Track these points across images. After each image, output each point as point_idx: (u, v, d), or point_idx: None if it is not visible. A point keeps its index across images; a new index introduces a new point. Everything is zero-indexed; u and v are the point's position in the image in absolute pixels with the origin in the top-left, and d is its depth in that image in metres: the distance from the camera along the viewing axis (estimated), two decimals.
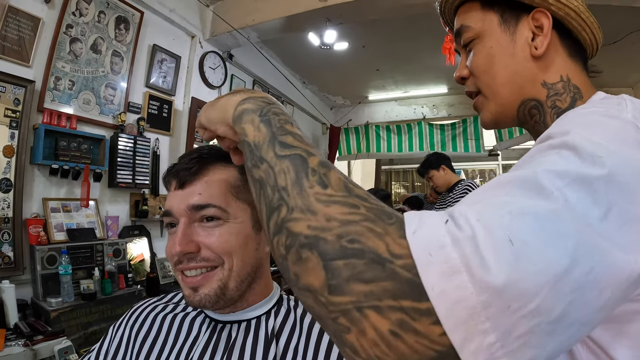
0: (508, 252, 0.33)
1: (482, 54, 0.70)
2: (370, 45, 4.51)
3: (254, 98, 0.54)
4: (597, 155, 0.41)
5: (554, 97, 0.67)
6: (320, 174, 0.41)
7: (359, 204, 0.38)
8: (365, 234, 0.35)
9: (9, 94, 2.15)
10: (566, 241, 0.35)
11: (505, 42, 0.68)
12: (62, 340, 1.88)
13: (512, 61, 0.68)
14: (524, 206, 0.36)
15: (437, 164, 3.26)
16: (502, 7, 0.69)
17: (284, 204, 0.40)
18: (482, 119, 0.75)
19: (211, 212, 0.71)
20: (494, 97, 0.70)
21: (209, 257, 0.71)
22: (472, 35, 0.71)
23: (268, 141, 0.46)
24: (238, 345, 0.73)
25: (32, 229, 2.21)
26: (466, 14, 0.73)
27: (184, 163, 0.74)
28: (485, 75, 0.70)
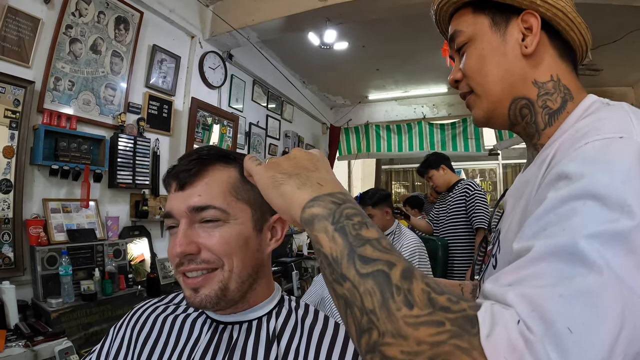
0: (570, 344, 0.35)
1: (475, 55, 0.73)
2: (370, 45, 4.51)
3: (322, 198, 0.50)
4: (625, 204, 0.42)
5: (545, 97, 0.69)
6: (404, 292, 0.41)
7: (444, 319, 0.39)
8: (453, 352, 0.37)
9: (8, 95, 2.15)
10: (615, 309, 0.37)
11: (496, 43, 0.71)
12: (63, 341, 1.88)
13: (504, 60, 0.70)
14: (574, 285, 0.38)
15: (436, 164, 3.25)
16: (493, 10, 0.72)
17: (374, 328, 0.41)
18: (475, 116, 0.77)
19: (211, 213, 0.71)
20: (486, 95, 0.72)
21: (209, 259, 0.70)
22: (465, 39, 0.74)
23: (347, 255, 0.45)
24: (239, 347, 0.73)
25: (32, 230, 2.21)
26: (459, 20, 0.76)
27: (183, 164, 0.74)
28: (477, 75, 0.73)
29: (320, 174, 0.54)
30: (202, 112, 3.63)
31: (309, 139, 6.34)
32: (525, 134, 0.74)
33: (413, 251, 2.55)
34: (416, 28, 3.96)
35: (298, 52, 4.67)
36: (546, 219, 0.46)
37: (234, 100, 4.21)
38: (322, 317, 0.80)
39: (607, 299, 0.37)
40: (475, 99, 0.75)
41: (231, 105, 4.15)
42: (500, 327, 0.37)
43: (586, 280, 0.38)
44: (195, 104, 3.49)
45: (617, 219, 0.41)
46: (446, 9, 0.78)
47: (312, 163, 0.56)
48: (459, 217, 3.02)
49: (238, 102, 4.30)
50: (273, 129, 5.11)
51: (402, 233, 2.70)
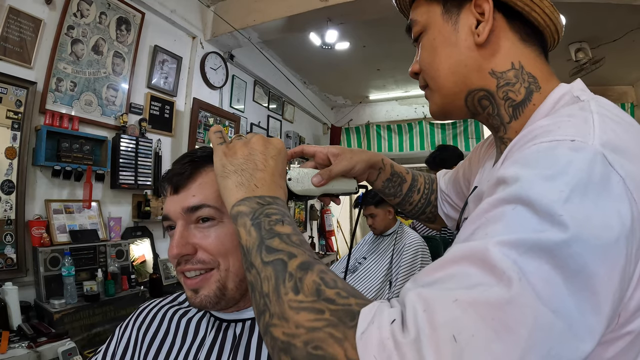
0: (450, 351, 0.32)
1: (427, 46, 0.68)
2: (370, 45, 4.51)
3: (249, 199, 0.56)
4: (557, 213, 0.37)
5: (506, 88, 0.63)
6: (296, 279, 0.44)
7: (325, 308, 0.41)
8: (326, 340, 0.39)
9: (10, 96, 2.15)
10: (518, 330, 0.33)
11: (447, 33, 0.65)
12: (66, 342, 1.88)
13: (455, 51, 0.65)
14: (474, 293, 0.35)
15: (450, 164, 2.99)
16: None
17: (267, 310, 0.45)
18: (430, 110, 0.73)
19: (206, 212, 0.71)
20: (439, 89, 0.68)
21: (204, 260, 0.71)
22: (420, 29, 0.70)
23: (257, 246, 0.50)
24: (243, 344, 0.73)
25: (35, 231, 2.21)
26: (416, 9, 0.71)
27: (176, 168, 0.75)
28: (429, 68, 0.68)
29: (264, 174, 0.59)
30: (203, 113, 3.63)
31: (310, 139, 6.34)
32: (489, 125, 0.69)
33: (416, 251, 2.55)
34: None
35: (299, 52, 4.67)
36: (477, 222, 0.43)
37: (235, 100, 4.21)
38: None
39: (511, 316, 0.33)
40: (429, 93, 0.71)
41: (232, 105, 4.15)
42: (375, 326, 0.37)
43: (489, 290, 0.35)
44: (196, 104, 3.49)
45: (545, 229, 0.37)
46: None
47: (264, 159, 0.61)
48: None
49: (239, 102, 4.30)
50: (274, 129, 5.11)
51: (405, 233, 2.70)
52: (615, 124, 0.47)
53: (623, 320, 0.43)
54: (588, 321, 0.36)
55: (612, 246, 0.38)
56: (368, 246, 2.84)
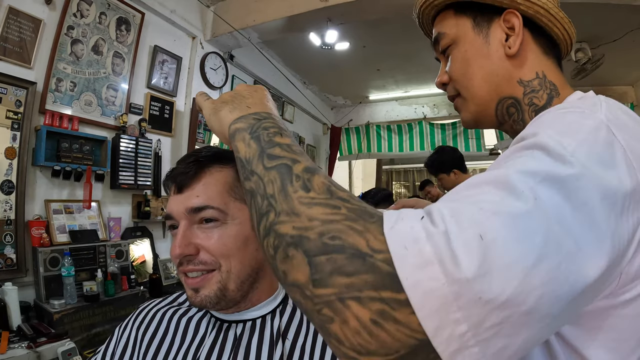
0: (478, 246, 0.35)
1: (458, 58, 0.73)
2: (370, 45, 4.51)
3: (245, 117, 0.56)
4: (567, 155, 0.44)
5: (531, 95, 0.69)
6: (304, 179, 0.44)
7: (341, 205, 0.41)
8: (346, 231, 0.38)
9: (10, 96, 2.15)
10: (534, 237, 0.37)
11: (479, 45, 0.71)
12: (66, 342, 1.88)
13: (488, 62, 0.70)
14: (497, 205, 0.39)
15: (448, 169, 2.98)
16: (474, 11, 0.71)
17: (272, 210, 0.44)
18: (463, 119, 0.77)
19: (209, 213, 0.71)
20: (472, 98, 0.73)
21: (206, 260, 0.71)
22: (448, 42, 0.74)
23: (258, 155, 0.50)
24: (244, 345, 0.73)
25: (35, 231, 2.21)
26: (442, 22, 0.76)
27: (181, 167, 0.75)
28: (462, 78, 0.73)
29: (253, 100, 0.61)
30: None
31: (310, 139, 6.34)
32: (512, 131, 0.74)
33: None
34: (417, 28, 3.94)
35: (299, 52, 4.67)
36: (495, 163, 0.49)
37: None
38: None
39: (528, 225, 0.37)
40: (462, 102, 0.75)
41: None
42: (404, 222, 0.38)
43: (511, 204, 0.39)
44: (196, 104, 3.49)
45: (558, 165, 0.43)
46: (428, 11, 0.78)
47: (249, 92, 0.63)
48: None
49: None
50: None
51: None
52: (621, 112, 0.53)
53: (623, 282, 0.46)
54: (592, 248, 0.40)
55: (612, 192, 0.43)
56: None
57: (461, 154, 3.05)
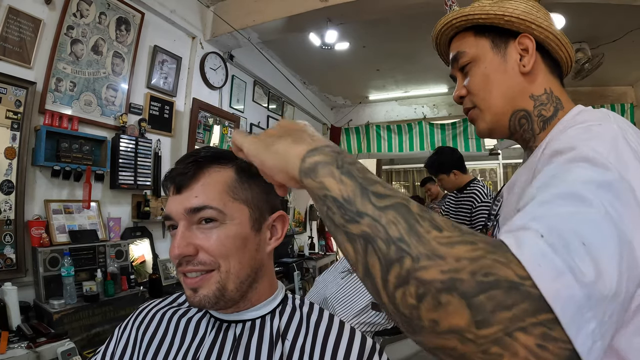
0: (585, 252, 0.40)
1: (478, 74, 0.82)
2: (370, 45, 4.51)
3: (319, 149, 0.51)
4: (608, 163, 0.52)
5: (540, 107, 0.80)
6: (428, 219, 0.42)
7: (474, 239, 0.41)
8: (494, 265, 0.38)
9: (10, 96, 2.15)
10: (613, 235, 0.44)
11: (497, 63, 0.81)
12: (65, 342, 1.88)
13: (505, 78, 0.80)
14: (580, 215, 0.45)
15: (448, 169, 2.97)
16: (492, 34, 0.82)
17: (405, 255, 0.40)
18: (479, 129, 0.86)
19: (208, 213, 0.71)
20: (489, 109, 0.82)
21: (205, 261, 0.71)
22: (468, 59, 0.84)
23: (360, 194, 0.45)
24: (243, 345, 0.73)
25: (34, 231, 2.21)
26: (461, 42, 0.86)
27: (180, 168, 0.75)
28: (482, 92, 0.82)
29: (308, 132, 0.55)
30: (203, 113, 3.63)
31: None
32: (522, 139, 0.84)
33: None
34: (417, 28, 3.96)
35: (298, 52, 4.67)
36: (544, 180, 0.53)
37: (235, 100, 4.21)
38: (327, 315, 0.80)
39: (607, 227, 0.44)
40: (478, 113, 0.84)
41: (232, 105, 4.15)
42: (528, 243, 0.40)
43: (589, 211, 0.45)
44: (196, 104, 3.49)
45: (603, 172, 0.50)
46: (448, 32, 0.87)
47: (299, 127, 0.57)
48: (464, 221, 2.89)
49: (239, 102, 4.30)
50: None
51: None
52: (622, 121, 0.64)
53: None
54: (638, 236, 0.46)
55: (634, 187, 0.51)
56: None
57: (460, 154, 3.06)
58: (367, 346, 0.75)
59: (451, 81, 3.75)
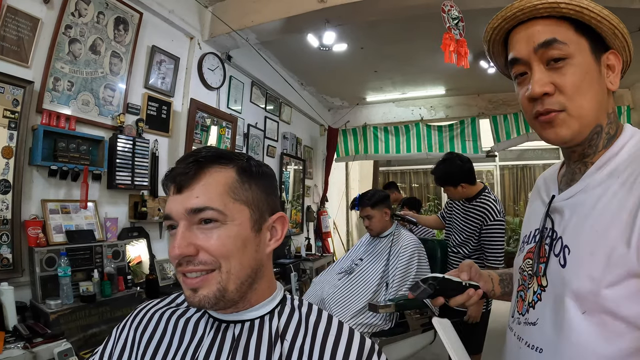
0: None
1: (577, 74, 0.73)
2: (368, 46, 4.52)
3: None
4: None
5: (609, 125, 0.77)
6: None
7: None
8: None
9: (7, 95, 2.14)
10: None
11: (595, 71, 0.74)
12: (62, 343, 1.87)
13: (599, 89, 0.74)
14: None
15: (455, 182, 2.68)
16: (589, 37, 0.75)
17: None
18: (559, 135, 0.76)
19: (209, 214, 0.71)
20: (581, 117, 0.74)
21: (206, 261, 0.70)
22: (566, 54, 0.73)
23: None
24: (242, 345, 0.73)
25: (31, 231, 2.20)
26: (557, 30, 0.74)
27: (180, 167, 0.74)
28: (578, 95, 0.73)
29: None
30: (200, 113, 3.63)
31: (307, 141, 6.34)
32: (580, 153, 0.79)
33: (412, 253, 2.56)
34: (414, 30, 3.98)
35: (296, 53, 4.67)
36: None
37: (233, 101, 4.21)
38: (325, 315, 0.80)
39: None
40: (566, 118, 0.74)
41: (230, 106, 4.15)
42: None
43: None
44: (194, 105, 3.49)
45: None
46: (543, 11, 0.74)
47: None
48: (470, 235, 2.69)
49: (237, 103, 4.30)
50: (271, 130, 5.11)
51: (401, 234, 2.71)
52: None
53: None
54: None
55: None
56: (364, 247, 2.84)
57: (471, 165, 2.70)
58: (366, 346, 0.75)
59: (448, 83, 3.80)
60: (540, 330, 0.77)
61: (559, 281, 0.74)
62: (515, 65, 0.79)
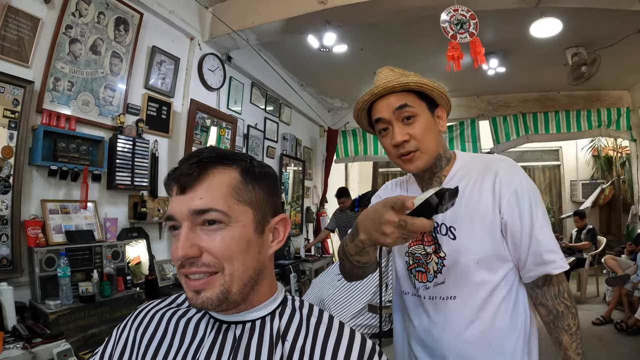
0: None
1: (422, 126, 1.09)
2: (368, 48, 4.52)
3: None
4: None
5: (444, 152, 1.16)
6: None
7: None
8: None
9: (7, 95, 2.14)
10: None
11: (432, 121, 1.12)
12: (61, 343, 1.87)
13: (436, 132, 1.12)
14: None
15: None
16: (425, 100, 1.12)
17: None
18: (418, 166, 1.10)
19: (213, 216, 0.70)
20: (429, 152, 1.10)
21: (209, 262, 0.70)
22: (414, 113, 1.08)
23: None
24: (243, 346, 0.73)
25: (31, 231, 2.20)
26: (406, 98, 1.09)
27: (184, 168, 0.73)
28: (426, 140, 1.09)
29: None
30: (200, 114, 3.63)
31: (307, 142, 6.34)
32: (431, 172, 1.16)
33: None
34: (414, 31, 3.98)
35: (296, 54, 4.67)
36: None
37: (233, 102, 4.21)
38: (326, 316, 0.79)
39: None
40: (420, 154, 1.09)
41: (230, 107, 4.15)
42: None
43: None
44: (194, 105, 3.49)
45: None
46: (400, 88, 1.10)
47: None
48: None
49: (236, 104, 4.30)
50: (271, 131, 5.11)
51: None
52: None
53: None
54: None
55: None
56: None
57: None
58: (367, 347, 0.74)
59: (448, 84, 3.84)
60: (450, 285, 1.10)
61: (455, 249, 1.09)
62: (379, 122, 1.12)
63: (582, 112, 5.48)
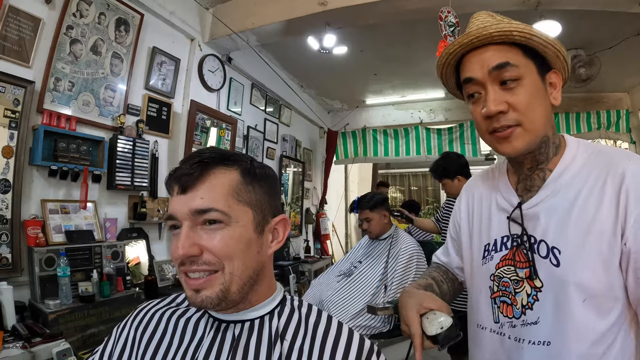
0: None
1: (527, 93, 0.82)
2: (368, 49, 4.53)
3: None
4: None
5: (553, 137, 0.88)
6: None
7: None
8: None
9: (8, 95, 2.14)
10: None
11: (542, 89, 0.83)
12: (61, 343, 1.87)
13: (546, 104, 0.84)
14: None
15: (452, 175, 2.97)
16: (535, 60, 0.83)
17: None
18: (515, 147, 0.84)
19: (213, 215, 0.71)
20: (534, 130, 0.83)
21: (210, 261, 0.71)
22: (517, 75, 0.81)
23: None
24: (242, 345, 0.73)
25: (30, 231, 2.20)
26: (507, 54, 0.82)
27: (185, 168, 0.74)
28: (529, 111, 0.82)
29: None
30: (200, 115, 3.63)
31: (307, 143, 6.35)
32: (533, 161, 0.88)
33: (411, 255, 2.56)
34: (414, 33, 3.99)
35: (296, 56, 4.68)
36: None
37: (233, 103, 4.22)
38: (325, 316, 0.80)
39: None
40: (521, 132, 0.83)
41: (230, 108, 4.16)
42: None
43: None
44: (194, 106, 3.49)
45: None
46: (497, 38, 0.82)
47: None
48: None
49: (236, 105, 4.30)
50: (271, 132, 5.11)
51: (400, 237, 2.71)
52: None
53: None
54: None
55: None
56: (363, 250, 2.84)
57: (466, 161, 3.03)
58: (365, 347, 0.75)
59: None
60: (544, 326, 0.83)
61: (556, 279, 0.81)
62: (469, 84, 0.86)
63: (581, 114, 5.49)
